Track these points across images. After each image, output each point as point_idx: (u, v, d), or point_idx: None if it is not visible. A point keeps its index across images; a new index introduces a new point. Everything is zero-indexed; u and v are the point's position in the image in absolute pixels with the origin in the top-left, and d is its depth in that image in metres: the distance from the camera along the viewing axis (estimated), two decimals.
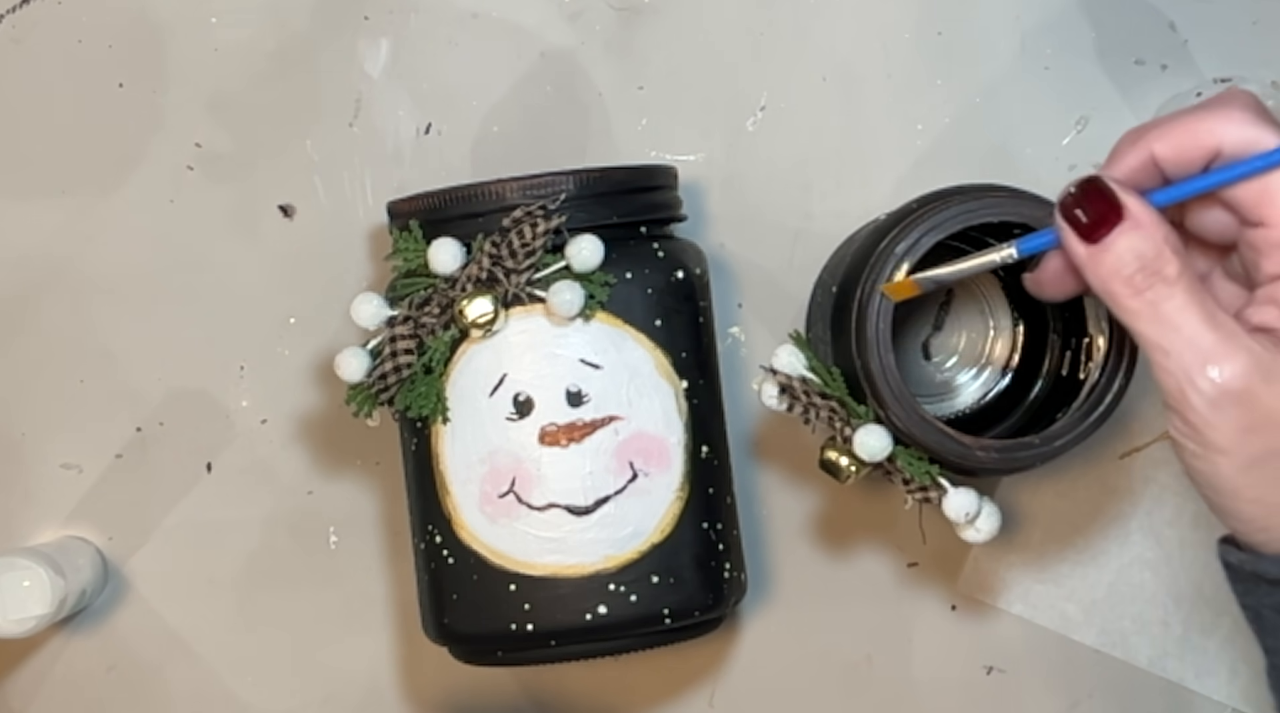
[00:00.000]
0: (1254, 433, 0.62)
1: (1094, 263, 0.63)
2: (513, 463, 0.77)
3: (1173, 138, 0.64)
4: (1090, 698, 0.88)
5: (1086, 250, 0.64)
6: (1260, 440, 0.62)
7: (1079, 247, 0.64)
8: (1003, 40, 0.87)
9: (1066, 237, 0.64)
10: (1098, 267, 0.63)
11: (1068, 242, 0.64)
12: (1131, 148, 0.65)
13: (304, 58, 0.89)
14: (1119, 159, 0.65)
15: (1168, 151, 0.64)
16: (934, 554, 0.88)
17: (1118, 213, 0.63)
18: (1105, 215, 0.63)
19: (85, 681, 0.90)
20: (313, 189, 0.89)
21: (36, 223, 0.89)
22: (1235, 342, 0.62)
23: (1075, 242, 0.64)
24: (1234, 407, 0.62)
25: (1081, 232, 0.64)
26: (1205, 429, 0.62)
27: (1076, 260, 0.64)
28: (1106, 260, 0.63)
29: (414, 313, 0.78)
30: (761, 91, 0.88)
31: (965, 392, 0.85)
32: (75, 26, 0.89)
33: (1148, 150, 0.64)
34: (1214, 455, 0.63)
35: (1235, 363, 0.62)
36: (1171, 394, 0.63)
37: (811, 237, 0.87)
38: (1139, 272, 0.63)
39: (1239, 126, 0.63)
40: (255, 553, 0.89)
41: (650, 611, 0.77)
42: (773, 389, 0.77)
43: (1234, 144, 0.63)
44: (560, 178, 0.78)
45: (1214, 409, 0.62)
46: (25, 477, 0.89)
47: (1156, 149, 0.64)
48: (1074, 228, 0.64)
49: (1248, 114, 0.63)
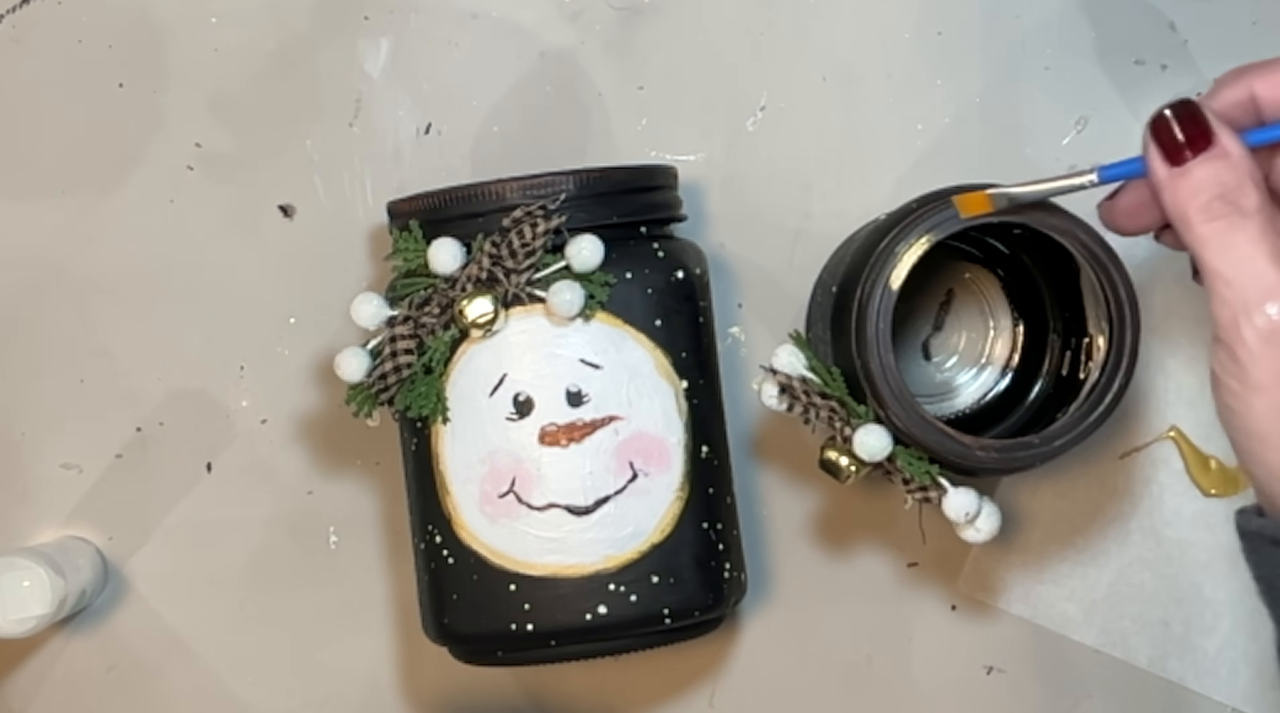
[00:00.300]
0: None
1: (1174, 185, 0.63)
2: (513, 463, 0.77)
3: (1275, 77, 0.64)
4: (1090, 698, 0.88)
5: (1169, 171, 0.63)
6: None
7: (1162, 167, 0.63)
8: (1003, 40, 0.87)
9: (1151, 156, 0.64)
10: (1177, 189, 0.63)
11: (1151, 161, 0.64)
12: (1233, 82, 0.65)
13: (304, 58, 0.89)
14: (1219, 92, 0.65)
15: (1267, 90, 0.64)
16: (934, 554, 0.88)
17: (1207, 138, 0.63)
18: (1194, 139, 0.63)
19: (85, 681, 0.90)
20: (313, 189, 0.89)
21: (36, 223, 0.89)
22: None
23: (1160, 162, 0.63)
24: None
25: (1168, 153, 0.63)
26: (1250, 364, 0.62)
27: (1157, 181, 0.64)
28: (1187, 184, 0.63)
29: (414, 313, 0.78)
30: (761, 91, 0.88)
31: (965, 392, 0.85)
32: (75, 26, 0.89)
33: (1249, 87, 0.64)
34: (1252, 394, 0.62)
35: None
36: (1224, 325, 0.62)
37: (811, 237, 0.87)
38: (1217, 198, 0.62)
39: None
40: (255, 553, 0.89)
41: (650, 611, 0.77)
42: (773, 389, 0.77)
43: None
44: (560, 178, 0.78)
45: (1265, 344, 0.61)
46: (25, 477, 0.89)
47: (1258, 88, 0.64)
48: (1161, 148, 0.63)
49: None
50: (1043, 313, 0.82)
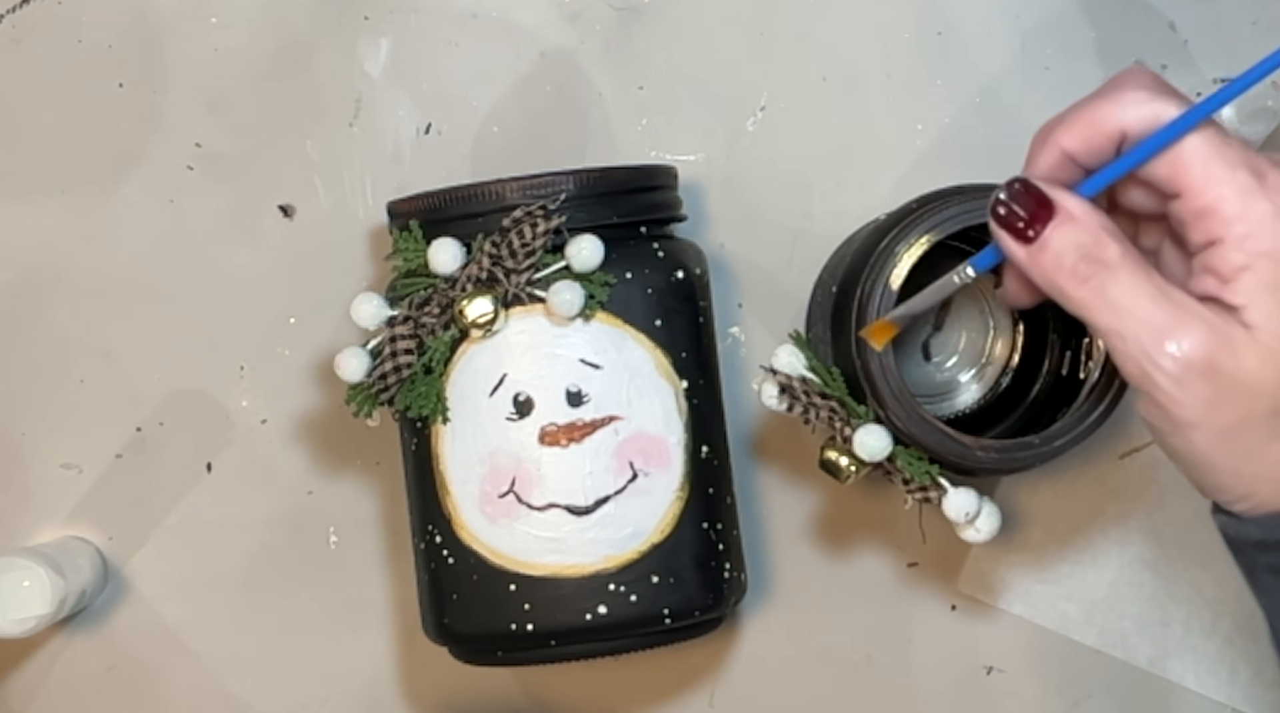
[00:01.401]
0: (1221, 403, 0.61)
1: (1035, 261, 0.63)
2: (513, 463, 0.77)
3: (1077, 130, 0.64)
4: (1090, 698, 0.88)
5: (1026, 251, 0.63)
6: (1229, 410, 0.61)
7: (1018, 249, 0.64)
8: (1003, 40, 0.87)
9: (1004, 241, 0.64)
10: (1040, 264, 0.63)
11: (1006, 246, 0.64)
12: (1043, 147, 0.65)
13: (304, 58, 0.89)
14: (1035, 160, 0.65)
15: (1076, 144, 0.64)
16: (934, 554, 0.88)
17: (1048, 209, 0.63)
18: (1036, 213, 0.63)
19: (85, 681, 0.90)
20: (313, 189, 0.89)
21: (36, 223, 0.89)
22: (1189, 313, 0.62)
23: (1013, 244, 0.64)
24: (1199, 379, 0.61)
25: (1017, 234, 0.64)
26: (1173, 406, 0.62)
27: (1018, 263, 0.64)
28: (1046, 257, 0.63)
29: (414, 313, 0.78)
30: (761, 91, 0.88)
31: (965, 392, 0.85)
32: (75, 26, 0.89)
33: (1058, 146, 0.64)
34: (1186, 431, 0.62)
35: (1193, 335, 0.61)
36: (1135, 377, 0.62)
37: (811, 237, 0.87)
38: (1080, 261, 0.62)
39: (1136, 107, 0.63)
40: (255, 553, 0.89)
41: (650, 611, 0.77)
42: (773, 389, 0.77)
43: (1136, 123, 0.63)
44: (560, 178, 0.78)
45: (1179, 385, 0.61)
46: (25, 477, 0.89)
47: (1065, 143, 0.64)
48: (1009, 232, 0.64)
49: (1143, 91, 0.63)
50: (1043, 313, 0.82)
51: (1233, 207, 0.61)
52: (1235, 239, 0.61)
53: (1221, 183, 0.61)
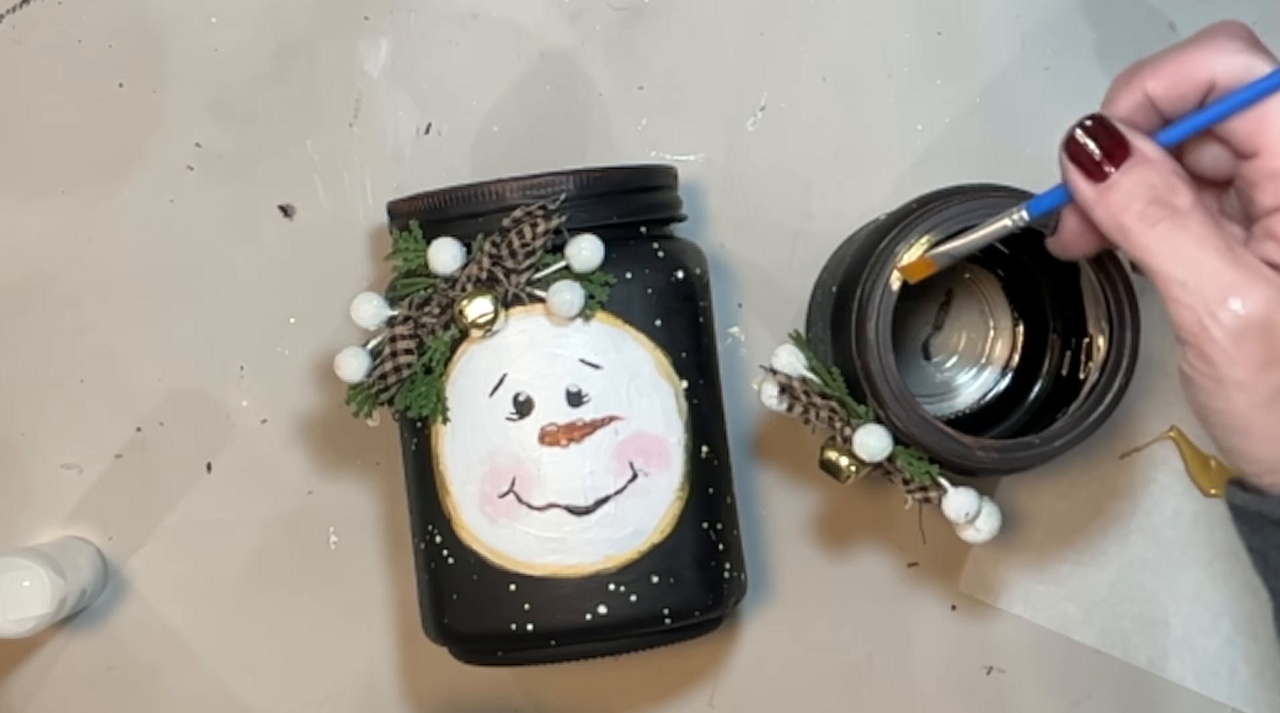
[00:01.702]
0: (1272, 367, 0.60)
1: (1103, 201, 0.62)
2: (513, 463, 0.77)
3: (1165, 75, 0.63)
4: (1090, 698, 0.88)
5: (1095, 189, 0.62)
6: (1277, 375, 0.61)
7: (1087, 187, 0.62)
8: (1003, 40, 0.87)
9: (1073, 177, 0.63)
10: (1108, 204, 0.62)
11: (1074, 183, 0.63)
12: (1126, 88, 0.64)
13: (304, 58, 0.89)
14: (1115, 100, 0.64)
15: (1161, 89, 0.63)
16: (934, 554, 0.88)
17: (1124, 148, 0.62)
18: (1111, 151, 0.62)
19: (85, 681, 0.90)
20: (313, 189, 0.89)
21: (36, 223, 0.89)
22: (1255, 272, 0.61)
23: (1083, 182, 0.63)
24: (1256, 339, 0.60)
25: (1088, 171, 0.62)
26: (1225, 364, 0.61)
27: (1084, 202, 0.63)
28: (1116, 197, 0.62)
29: (414, 313, 0.78)
30: (761, 91, 0.88)
31: (965, 392, 0.85)
32: (75, 26, 0.89)
33: (1141, 89, 0.63)
34: (1231, 391, 0.61)
35: (1258, 293, 0.60)
36: (1189, 328, 0.61)
37: (811, 237, 0.87)
38: (1151, 204, 0.61)
39: (1230, 57, 0.62)
40: (255, 553, 0.89)
41: (650, 611, 0.77)
42: (773, 389, 0.77)
43: (1226, 75, 0.62)
44: (560, 178, 0.78)
45: (1236, 342, 0.60)
46: (25, 477, 0.89)
47: (1150, 88, 0.63)
48: (1080, 168, 0.63)
49: (1238, 43, 0.62)
50: (1043, 313, 0.82)
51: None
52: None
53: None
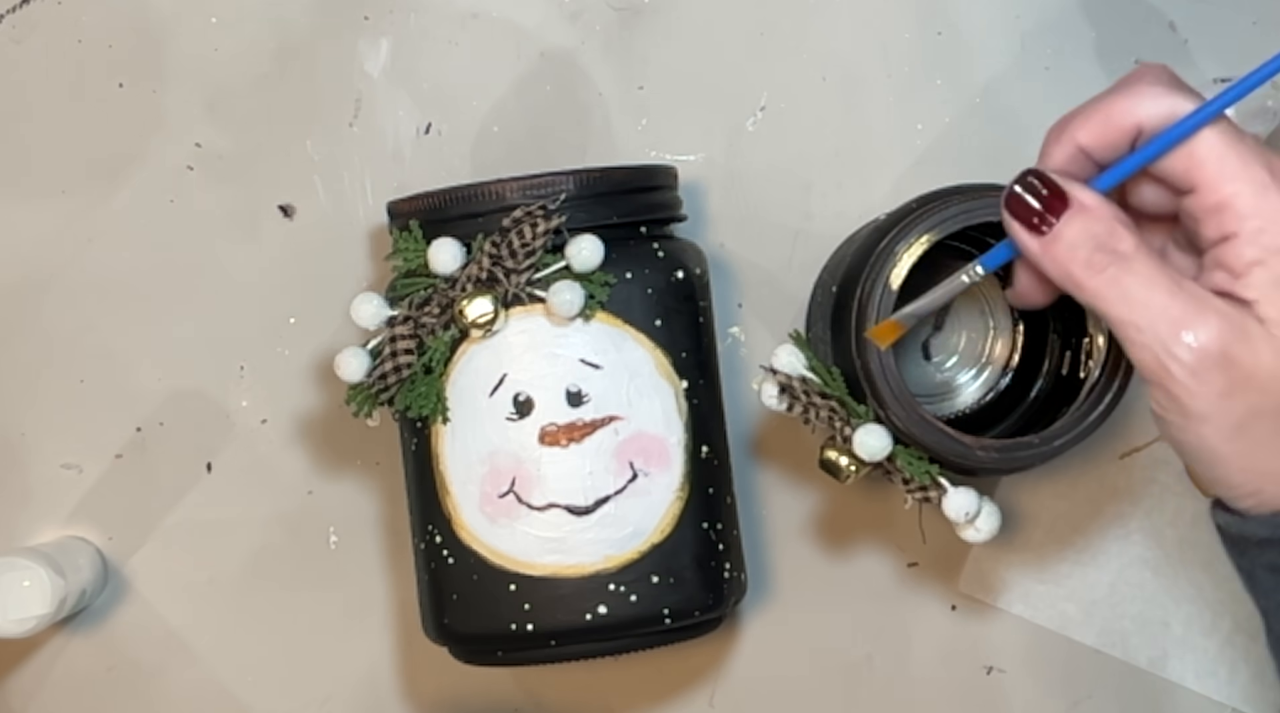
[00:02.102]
0: (1234, 396, 0.61)
1: (1049, 253, 0.63)
2: (513, 463, 0.77)
3: (1093, 125, 0.64)
4: (1090, 698, 0.88)
5: (1039, 242, 0.64)
6: (1241, 403, 0.61)
7: (1031, 240, 0.64)
8: (1003, 40, 0.87)
9: (1017, 233, 0.64)
10: (1053, 255, 0.63)
11: (1019, 238, 0.64)
12: (1057, 141, 0.65)
13: (304, 58, 0.89)
14: (1049, 153, 0.65)
15: (1091, 139, 0.64)
16: (934, 554, 0.88)
17: (1063, 200, 0.63)
18: (1051, 204, 0.63)
19: (85, 681, 0.90)
20: (313, 189, 0.89)
21: (36, 223, 0.89)
22: (1205, 305, 0.62)
23: (1026, 236, 0.64)
24: (1214, 370, 0.61)
25: (1031, 225, 0.64)
26: (1187, 398, 0.62)
27: (1030, 255, 0.64)
28: (1060, 248, 0.63)
29: (414, 313, 0.78)
30: (761, 91, 0.88)
31: (965, 392, 0.85)
32: (75, 26, 0.89)
33: (1072, 141, 0.64)
34: (1198, 425, 0.62)
35: (1210, 326, 0.61)
36: (1149, 368, 0.62)
37: (811, 237, 0.87)
38: (1095, 251, 0.63)
39: (1153, 101, 0.63)
40: (255, 553, 0.89)
41: (650, 611, 0.77)
42: (773, 389, 0.77)
43: (1151, 118, 0.63)
44: (560, 178, 0.78)
45: (1194, 376, 0.61)
46: (25, 477, 0.89)
47: (1080, 138, 0.64)
48: (1023, 223, 0.64)
49: (1159, 88, 0.63)
50: (1043, 313, 0.82)
51: (1247, 202, 0.61)
52: (1249, 234, 0.61)
53: (1236, 178, 0.62)
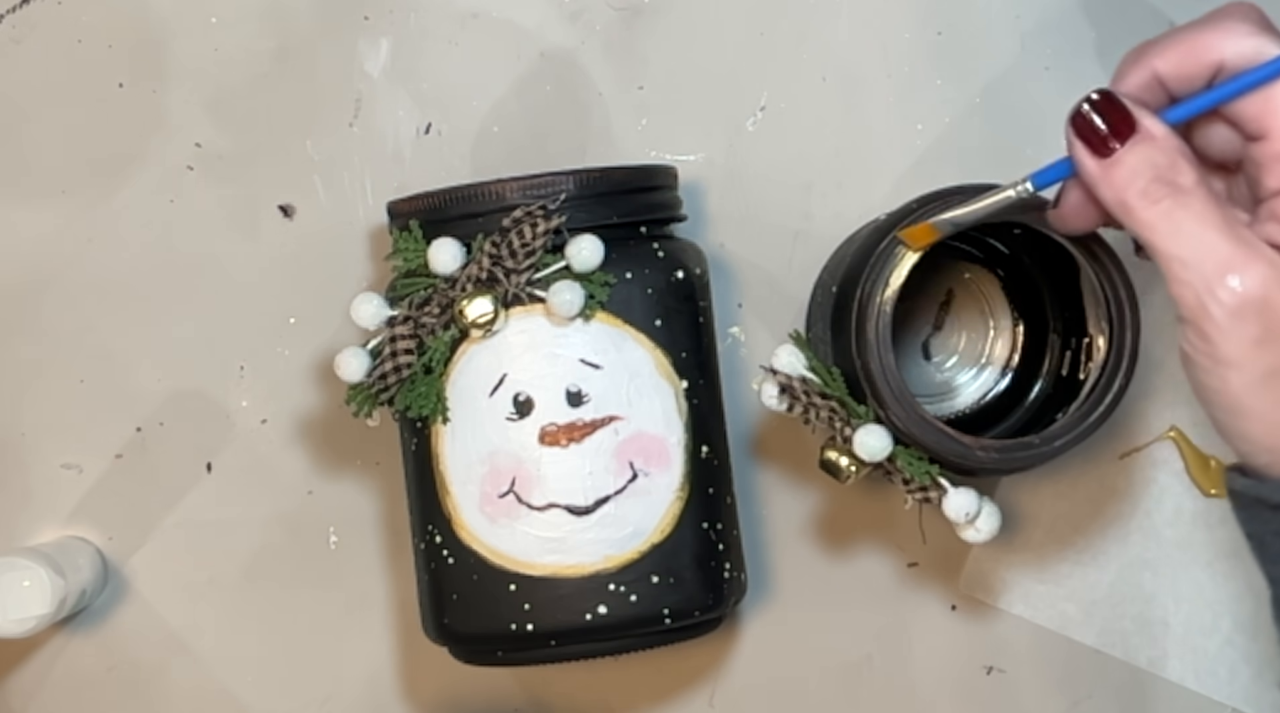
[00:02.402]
0: (1268, 346, 0.61)
1: (1107, 176, 0.63)
2: (513, 463, 0.77)
3: (1174, 54, 0.63)
4: (1090, 698, 0.88)
5: (1099, 164, 0.63)
6: (1273, 354, 0.61)
7: (1091, 162, 0.63)
8: (1003, 40, 0.87)
9: (1078, 152, 0.63)
10: (1111, 179, 0.62)
11: (1079, 157, 0.63)
12: (1134, 66, 0.64)
13: (304, 58, 0.89)
14: (1123, 77, 0.64)
15: (1170, 68, 0.63)
16: (934, 554, 0.88)
17: (1130, 125, 0.62)
18: (1118, 127, 0.62)
19: (85, 681, 0.90)
20: (313, 189, 0.89)
21: (36, 223, 0.89)
22: (1255, 250, 0.61)
23: (1088, 157, 0.63)
24: (1253, 317, 0.61)
25: (1094, 146, 0.63)
26: (1221, 341, 0.61)
27: (1089, 176, 0.63)
28: (1120, 173, 0.62)
29: (414, 313, 0.78)
30: (761, 91, 0.88)
31: (965, 392, 0.85)
32: (75, 26, 0.89)
33: (1150, 68, 0.64)
34: (1225, 370, 0.61)
35: (1256, 271, 0.61)
36: (1188, 305, 0.61)
37: (811, 237, 0.87)
38: (1154, 181, 0.62)
39: (1239, 39, 0.62)
40: (255, 553, 0.89)
41: (650, 611, 0.77)
42: (773, 389, 0.77)
43: (1236, 57, 0.62)
44: (560, 178, 0.78)
45: (1233, 319, 0.61)
46: (25, 477, 0.89)
47: (1158, 66, 0.63)
48: (1086, 143, 0.63)
49: (1248, 25, 0.62)
50: (1043, 313, 0.82)
51: None
52: None
53: None
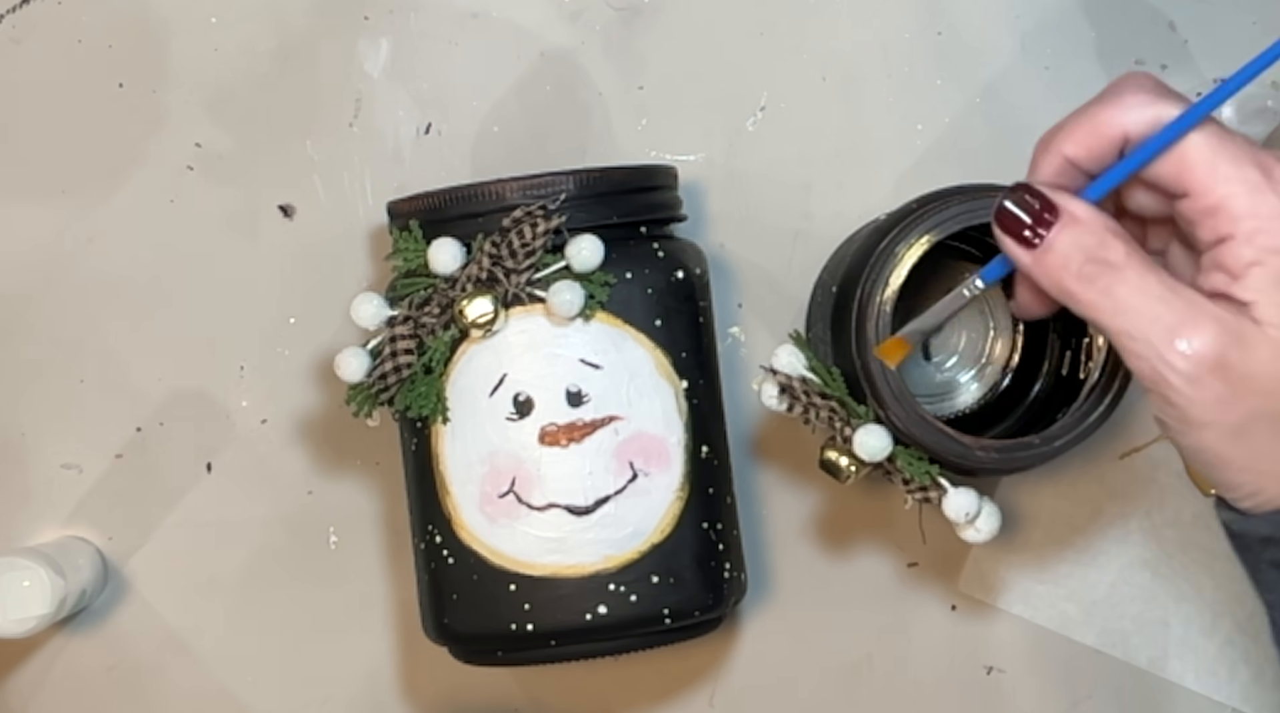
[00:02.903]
0: (1233, 401, 0.61)
1: (1041, 266, 0.63)
2: (513, 463, 0.77)
3: (1079, 135, 0.64)
4: (1090, 698, 0.88)
5: (1031, 256, 0.64)
6: (1240, 407, 0.61)
7: (1023, 254, 0.64)
8: (1003, 40, 0.87)
9: (1009, 247, 0.64)
10: (1045, 268, 0.63)
11: (1011, 251, 0.64)
12: (1045, 154, 0.65)
13: (304, 58, 0.89)
14: (1038, 166, 0.65)
15: (1079, 150, 0.64)
16: (934, 554, 0.88)
17: (1053, 212, 0.63)
18: (1040, 217, 0.63)
19: (85, 681, 0.90)
20: (313, 189, 0.89)
21: (36, 223, 0.89)
22: (1199, 310, 0.62)
23: (1018, 250, 0.64)
24: (1211, 376, 0.61)
25: (1022, 240, 0.64)
26: (1186, 405, 0.62)
27: (1023, 268, 0.64)
28: (1052, 260, 0.63)
29: (414, 313, 0.78)
30: (761, 91, 0.88)
31: (965, 392, 0.85)
32: (75, 26, 0.89)
33: (1059, 153, 0.64)
34: (1198, 431, 0.62)
35: (1204, 332, 0.61)
36: (1147, 376, 0.62)
37: (811, 237, 0.87)
38: (1086, 263, 0.62)
39: (1138, 109, 0.63)
40: (255, 553, 0.89)
41: (650, 611, 0.77)
42: (773, 389, 0.77)
43: (1138, 126, 0.63)
44: (560, 178, 0.78)
45: (1191, 383, 0.61)
46: (25, 477, 0.89)
47: (1067, 150, 0.64)
48: (1014, 237, 0.64)
49: (1142, 94, 0.63)
50: None
51: (1241, 203, 0.61)
52: (1245, 235, 0.61)
53: (1229, 180, 0.62)
